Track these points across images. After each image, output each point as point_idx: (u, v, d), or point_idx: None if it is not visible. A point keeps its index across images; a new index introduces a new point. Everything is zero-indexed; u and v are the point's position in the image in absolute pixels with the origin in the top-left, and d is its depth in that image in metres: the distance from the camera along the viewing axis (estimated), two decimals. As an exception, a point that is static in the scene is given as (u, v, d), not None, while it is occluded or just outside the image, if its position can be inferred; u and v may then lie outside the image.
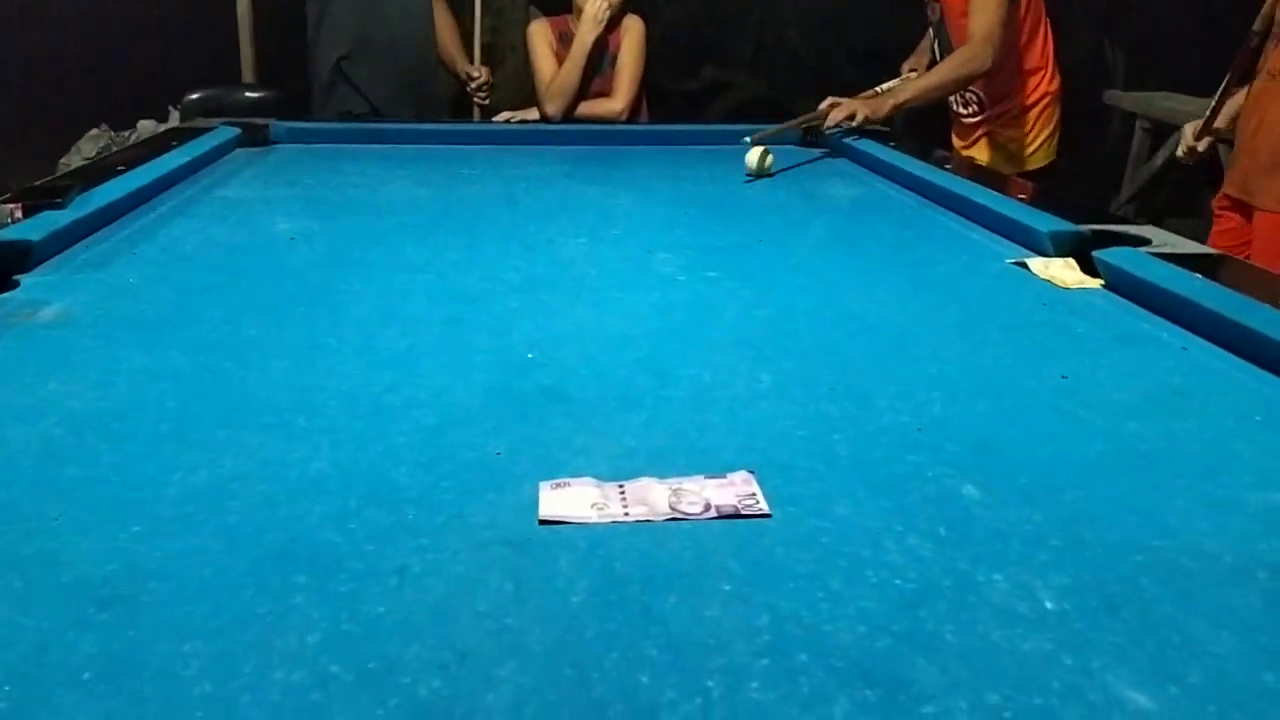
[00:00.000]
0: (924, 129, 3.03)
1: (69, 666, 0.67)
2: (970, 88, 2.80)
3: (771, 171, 2.42)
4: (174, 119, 4.96)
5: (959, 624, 0.73)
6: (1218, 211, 2.56)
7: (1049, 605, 0.76)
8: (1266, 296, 1.30)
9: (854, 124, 2.58)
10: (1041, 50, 2.82)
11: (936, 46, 2.87)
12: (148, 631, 0.71)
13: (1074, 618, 0.74)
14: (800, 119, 2.69)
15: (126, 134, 5.10)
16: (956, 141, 3.03)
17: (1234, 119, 2.52)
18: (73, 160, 5.01)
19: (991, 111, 2.84)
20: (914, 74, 2.95)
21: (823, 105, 2.64)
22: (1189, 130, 2.66)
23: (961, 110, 2.92)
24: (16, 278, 1.50)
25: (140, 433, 1.02)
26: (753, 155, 2.40)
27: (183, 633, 0.70)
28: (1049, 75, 2.84)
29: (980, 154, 2.91)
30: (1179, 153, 2.67)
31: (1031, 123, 2.83)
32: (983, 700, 0.65)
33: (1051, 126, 2.86)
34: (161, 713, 0.63)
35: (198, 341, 1.28)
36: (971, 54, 2.57)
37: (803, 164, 2.58)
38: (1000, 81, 2.76)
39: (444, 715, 0.63)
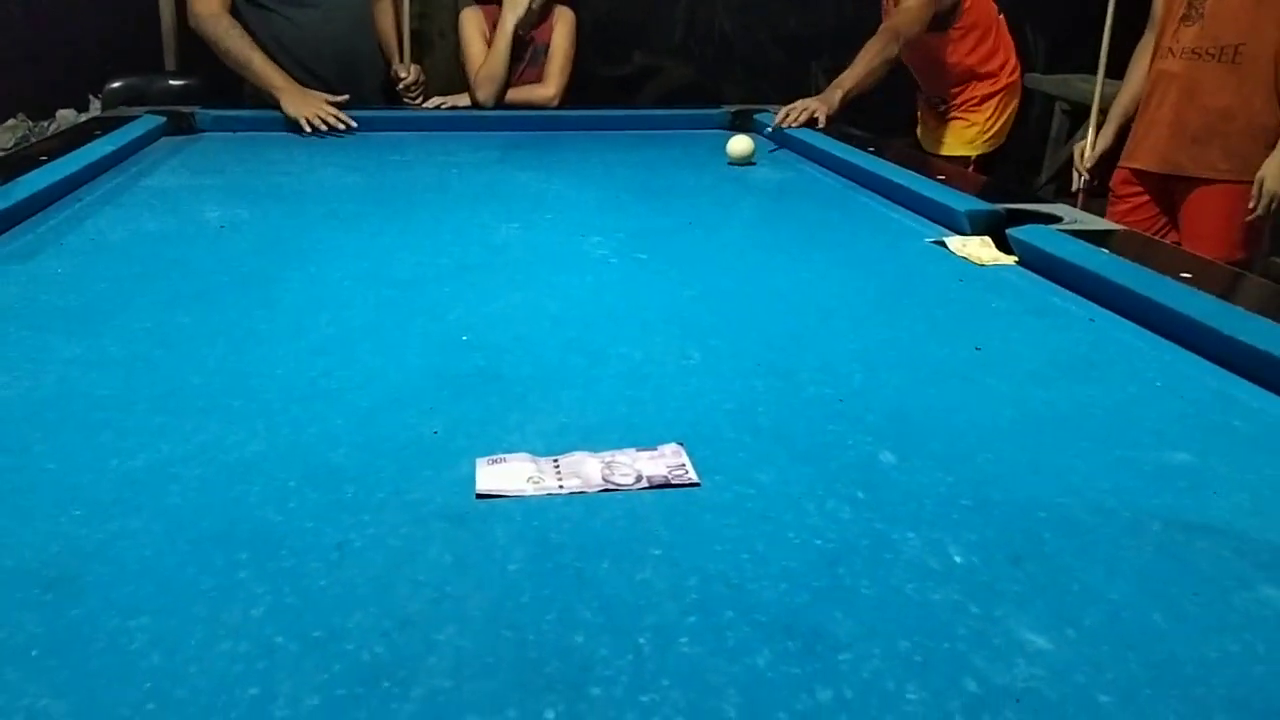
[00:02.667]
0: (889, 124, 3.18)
1: (14, 645, 0.68)
2: (937, 83, 3.09)
3: (754, 160, 2.44)
4: (95, 108, 4.85)
5: (874, 579, 0.78)
6: (1119, 190, 2.66)
7: (958, 560, 0.80)
8: (1168, 269, 1.37)
9: (820, 124, 2.62)
10: (997, 42, 3.08)
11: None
12: (93, 609, 0.72)
13: (980, 570, 0.79)
14: (766, 131, 2.70)
15: (45, 124, 4.97)
16: (922, 128, 3.29)
17: (1119, 128, 2.68)
18: (-12, 150, 4.88)
19: (955, 101, 3.11)
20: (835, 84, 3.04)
21: (777, 116, 2.68)
22: (1078, 156, 2.81)
23: (928, 101, 3.21)
24: (-62, 270, 1.48)
25: (74, 420, 1.03)
26: (745, 143, 2.42)
27: (128, 610, 0.72)
28: (1009, 66, 3.12)
29: (944, 138, 3.15)
30: (1077, 183, 2.82)
31: (992, 109, 3.09)
32: (895, 648, 0.70)
33: (1009, 112, 3.13)
34: (110, 684, 0.65)
35: (129, 330, 1.28)
36: (878, 42, 2.83)
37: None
38: (960, 74, 3.05)
39: (388, 677, 0.66)
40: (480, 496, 0.90)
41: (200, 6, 2.72)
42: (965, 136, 3.11)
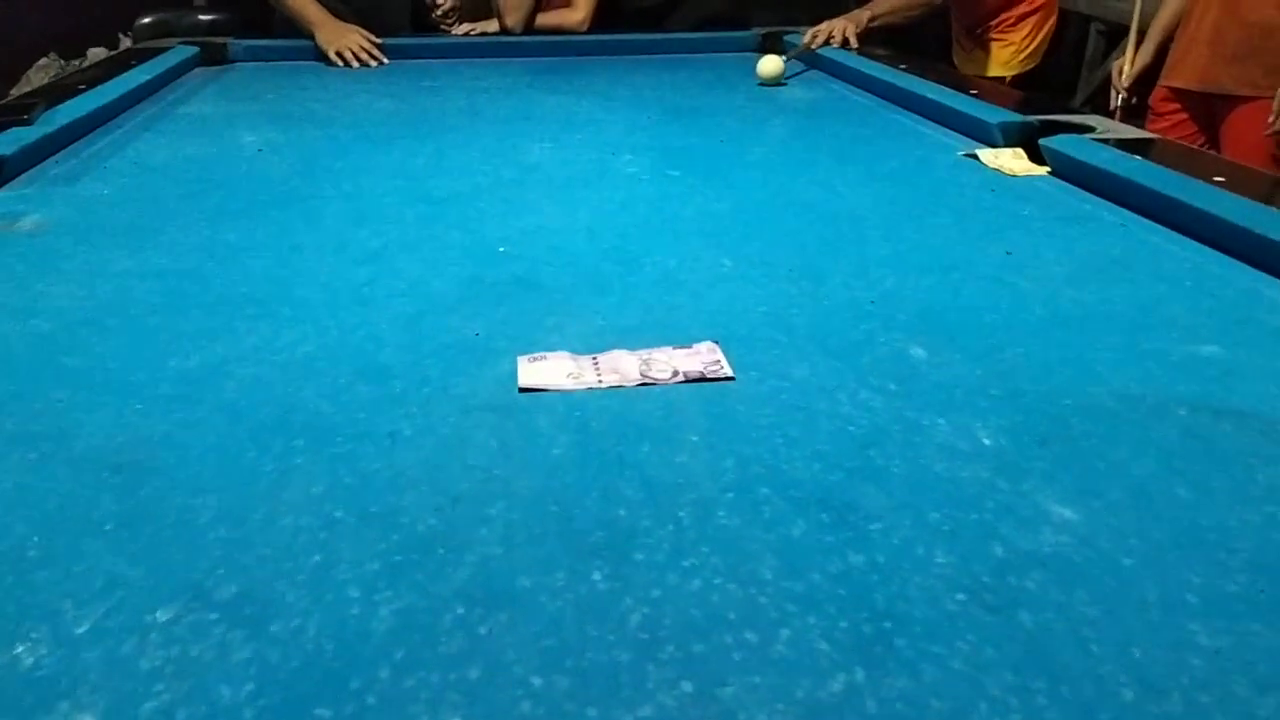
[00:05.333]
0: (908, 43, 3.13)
1: (91, 520, 0.73)
2: (974, 11, 3.04)
3: (784, 81, 2.43)
4: (125, 45, 4.87)
5: (905, 460, 0.81)
6: (1158, 108, 2.63)
7: (986, 442, 0.83)
8: (1201, 173, 1.37)
9: (853, 44, 2.59)
10: None
11: None
12: (161, 489, 0.76)
13: (1009, 452, 0.82)
14: (798, 50, 2.67)
15: (77, 62, 5.00)
16: (958, 52, 3.22)
17: (1158, 46, 2.63)
18: (22, 90, 4.92)
19: (988, 24, 3.05)
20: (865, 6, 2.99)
21: (805, 36, 2.65)
22: (1116, 74, 2.76)
23: (963, 26, 3.14)
24: (-11, 192, 1.52)
25: (131, 326, 1.07)
26: (775, 63, 2.41)
27: (193, 490, 0.76)
28: None
29: (980, 60, 3.10)
30: (1115, 101, 2.77)
31: (1029, 28, 3.04)
32: (925, 518, 0.73)
33: (1045, 30, 3.07)
34: (182, 553, 0.69)
35: (177, 245, 1.32)
36: None
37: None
38: (997, 2, 2.99)
39: (442, 545, 0.70)
40: (523, 390, 0.93)
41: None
42: (1001, 57, 3.07)
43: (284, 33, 2.85)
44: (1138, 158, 1.46)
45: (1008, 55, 3.06)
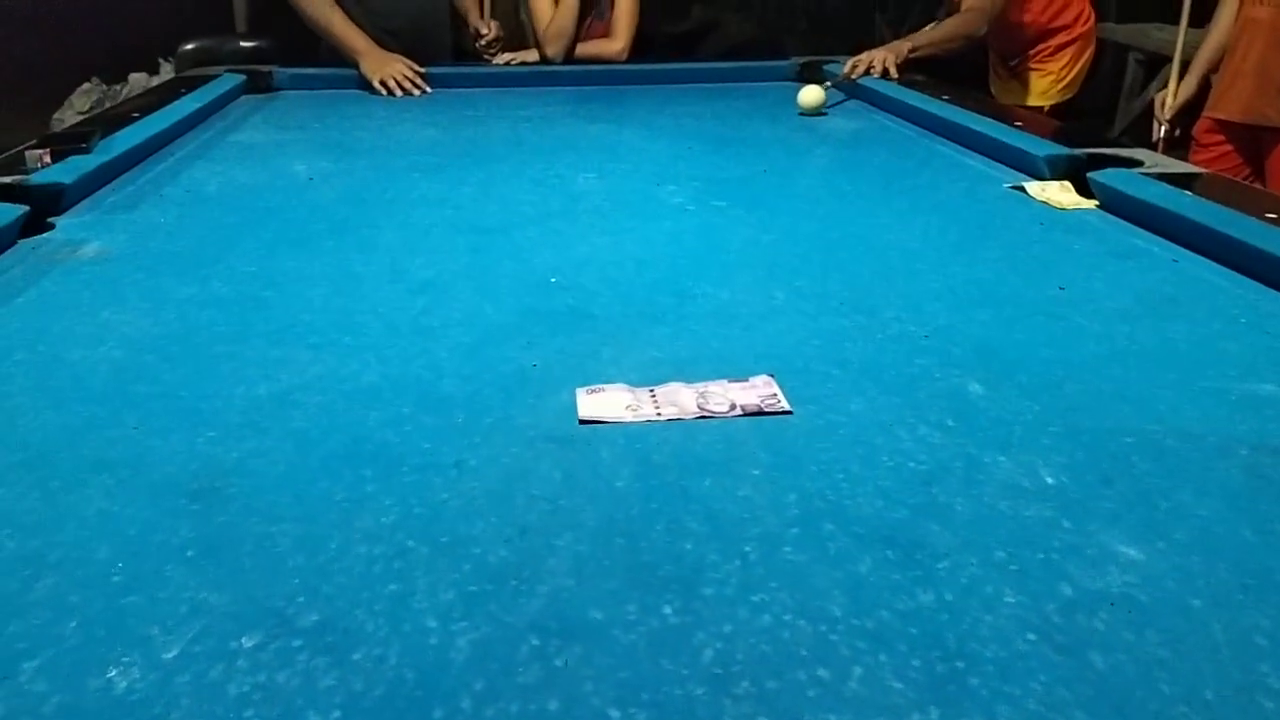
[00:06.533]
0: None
1: (172, 547, 0.74)
2: (1010, 44, 3.05)
3: (824, 111, 2.45)
4: (165, 71, 4.97)
5: (968, 497, 0.81)
6: (1202, 139, 2.62)
7: (1049, 480, 0.83)
8: (1253, 209, 1.37)
9: (893, 74, 2.61)
10: (1069, 2, 3.04)
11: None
12: (238, 517, 0.78)
13: (1072, 490, 0.82)
14: (837, 80, 2.68)
15: (118, 87, 5.11)
16: (994, 81, 3.23)
17: (1202, 78, 2.63)
18: (65, 115, 5.00)
19: (1025, 55, 3.07)
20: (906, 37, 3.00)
21: (846, 67, 2.67)
22: (1159, 106, 2.76)
23: (1000, 56, 3.15)
24: (51, 219, 1.55)
25: (197, 354, 1.09)
26: (816, 93, 2.43)
27: (270, 518, 0.78)
28: (1081, 19, 3.07)
29: (1017, 90, 3.11)
30: (1157, 133, 2.77)
31: (1064, 60, 3.05)
32: (991, 557, 0.73)
33: (1083, 61, 3.09)
34: (262, 581, 0.70)
35: (236, 273, 1.35)
36: (968, 21, 2.81)
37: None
38: (1034, 34, 3.01)
39: (514, 576, 0.71)
40: (583, 422, 0.94)
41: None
42: (1039, 87, 3.07)
43: (328, 60, 2.90)
44: (1188, 193, 1.46)
45: (1045, 85, 3.07)
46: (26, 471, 0.85)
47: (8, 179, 1.57)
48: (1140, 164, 1.65)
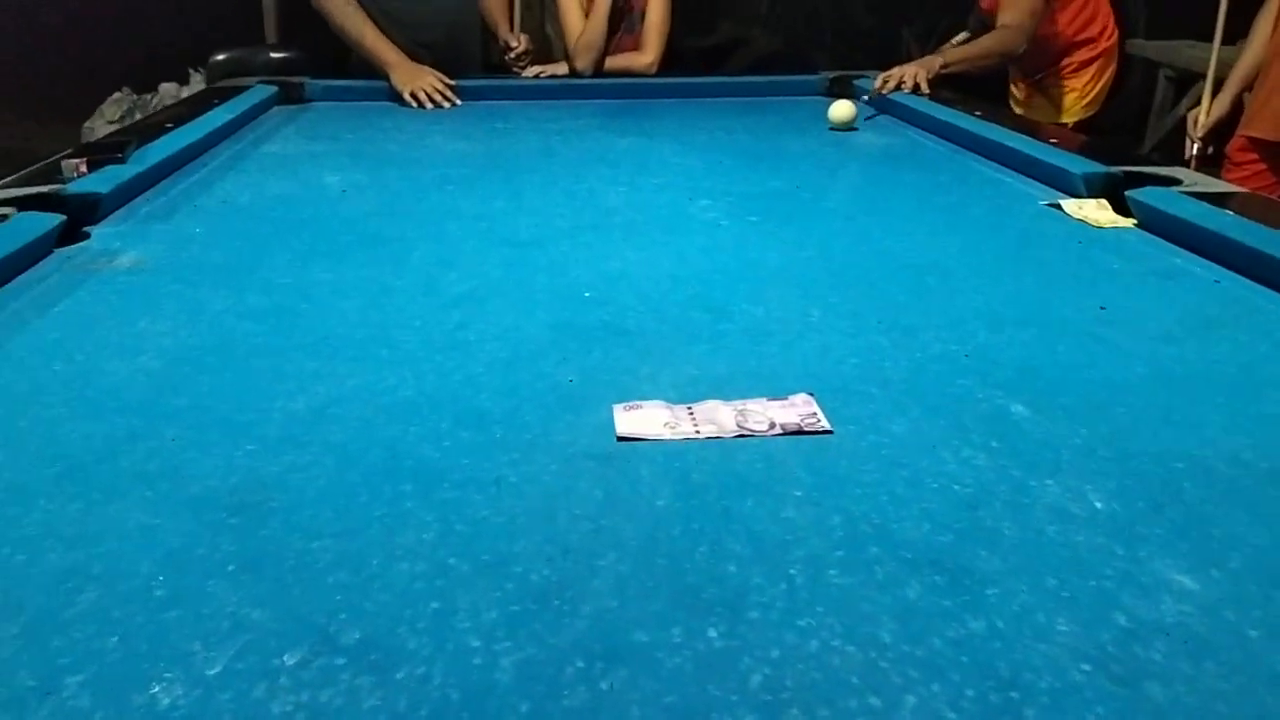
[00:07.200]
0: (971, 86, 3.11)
1: (214, 561, 0.74)
2: (1035, 59, 2.98)
3: (855, 126, 2.44)
4: (195, 81, 5.02)
5: (1016, 522, 0.80)
6: (1236, 157, 2.60)
7: (1099, 506, 0.82)
8: (1296, 230, 1.35)
9: (924, 90, 2.60)
10: (1094, 16, 3.00)
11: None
12: (278, 532, 0.78)
13: (1122, 516, 0.81)
14: (869, 95, 2.67)
15: (148, 97, 5.16)
16: (1014, 96, 3.19)
17: (1236, 96, 2.60)
18: (96, 124, 5.06)
19: (1050, 70, 3.02)
20: (937, 52, 2.97)
21: (876, 81, 2.66)
22: (1191, 123, 2.72)
23: (1021, 71, 3.10)
24: (86, 229, 1.56)
25: (234, 366, 1.09)
26: (848, 108, 2.42)
27: (310, 533, 0.77)
28: (1105, 34, 3.02)
29: (1040, 106, 3.07)
30: (1190, 150, 2.73)
31: (1087, 76, 3.01)
32: (1042, 583, 0.72)
33: (1107, 77, 3.05)
34: (304, 597, 0.70)
35: (271, 285, 1.35)
36: (1004, 39, 2.78)
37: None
38: (1057, 50, 2.96)
39: (557, 596, 0.70)
40: (621, 439, 0.93)
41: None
42: (1064, 103, 3.04)
43: (358, 72, 2.91)
44: (1229, 212, 1.44)
45: (1070, 101, 3.04)
46: (67, 483, 0.85)
47: (45, 188, 1.58)
48: (1178, 182, 1.63)
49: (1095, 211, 1.62)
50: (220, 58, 4.30)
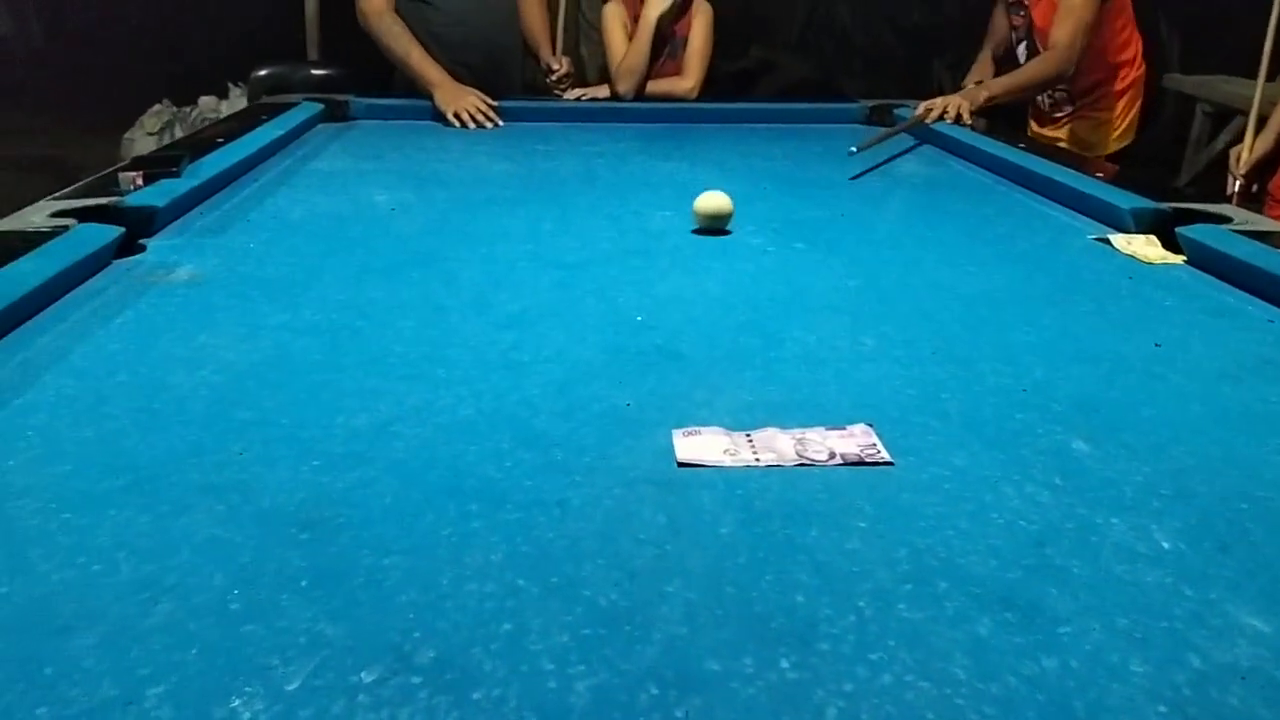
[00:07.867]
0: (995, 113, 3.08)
1: (285, 575, 0.75)
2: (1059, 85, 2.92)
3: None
4: (234, 96, 5.09)
5: (1084, 560, 0.79)
6: (1278, 194, 2.58)
7: (1165, 545, 0.81)
8: (1352, 272, 1.34)
9: (966, 120, 2.60)
10: (1130, 39, 2.95)
11: (1024, 49, 2.95)
12: (348, 548, 0.78)
13: (1190, 556, 0.80)
14: (901, 126, 2.66)
15: (188, 110, 5.23)
16: (1034, 125, 3.12)
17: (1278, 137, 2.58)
18: (135, 135, 5.14)
19: (1082, 100, 2.97)
20: (980, 84, 2.95)
21: (918, 110, 2.66)
22: (1234, 160, 2.70)
23: (1048, 99, 3.02)
24: (142, 241, 1.58)
25: (295, 381, 1.10)
26: (720, 201, 1.98)
27: (380, 550, 0.78)
28: (1136, 62, 2.98)
29: (1061, 137, 3.02)
30: (1232, 187, 2.71)
31: (1119, 108, 2.97)
32: (1114, 624, 0.72)
33: (1134, 111, 3.00)
34: (376, 614, 0.71)
35: (327, 302, 1.36)
36: (1055, 60, 2.72)
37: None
38: (1091, 74, 2.90)
39: (628, 621, 0.70)
40: (682, 465, 0.94)
41: (367, 5, 2.85)
42: (1096, 135, 2.98)
43: (401, 91, 2.95)
44: (1282, 252, 1.44)
45: (1103, 133, 3.00)
46: (135, 494, 0.86)
47: (104, 200, 1.61)
48: (1229, 220, 1.63)
49: (1144, 247, 1.61)
50: (262, 73, 4.36)
